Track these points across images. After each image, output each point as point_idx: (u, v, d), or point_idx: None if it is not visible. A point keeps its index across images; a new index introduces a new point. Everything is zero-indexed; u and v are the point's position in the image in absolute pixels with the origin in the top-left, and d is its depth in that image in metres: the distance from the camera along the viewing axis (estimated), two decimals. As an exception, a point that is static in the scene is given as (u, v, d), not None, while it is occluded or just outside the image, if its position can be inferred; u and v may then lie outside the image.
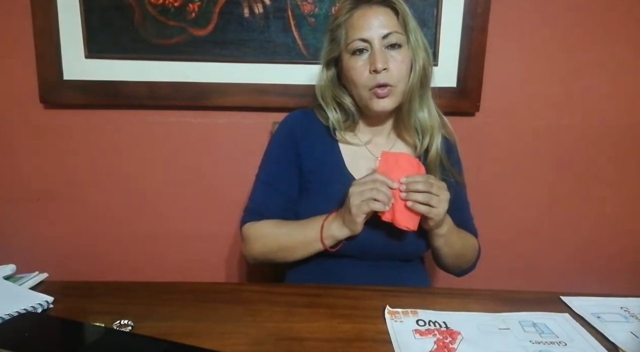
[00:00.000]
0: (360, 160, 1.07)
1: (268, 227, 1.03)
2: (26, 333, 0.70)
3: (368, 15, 0.98)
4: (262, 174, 1.10)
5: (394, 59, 0.99)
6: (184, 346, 0.69)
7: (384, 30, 0.98)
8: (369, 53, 0.99)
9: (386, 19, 0.99)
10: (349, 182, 1.02)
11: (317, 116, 1.10)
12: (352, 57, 1.00)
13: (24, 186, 1.44)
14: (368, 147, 1.09)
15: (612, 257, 1.55)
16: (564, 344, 0.76)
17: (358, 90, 1.01)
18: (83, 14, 1.31)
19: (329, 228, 0.96)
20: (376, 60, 0.96)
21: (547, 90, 1.44)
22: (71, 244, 1.48)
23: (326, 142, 1.08)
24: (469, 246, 1.09)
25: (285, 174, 1.07)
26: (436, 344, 0.75)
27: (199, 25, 1.33)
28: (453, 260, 1.07)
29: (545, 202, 1.51)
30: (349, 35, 0.99)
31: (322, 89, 1.08)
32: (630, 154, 1.49)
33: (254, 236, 1.04)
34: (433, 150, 1.05)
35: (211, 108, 1.40)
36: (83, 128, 1.42)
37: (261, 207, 1.06)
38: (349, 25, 1.00)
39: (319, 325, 0.80)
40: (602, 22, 1.40)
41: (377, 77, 0.97)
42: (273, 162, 1.09)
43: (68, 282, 0.93)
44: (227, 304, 0.87)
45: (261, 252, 1.04)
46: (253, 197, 1.09)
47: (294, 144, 1.07)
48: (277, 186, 1.06)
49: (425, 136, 1.06)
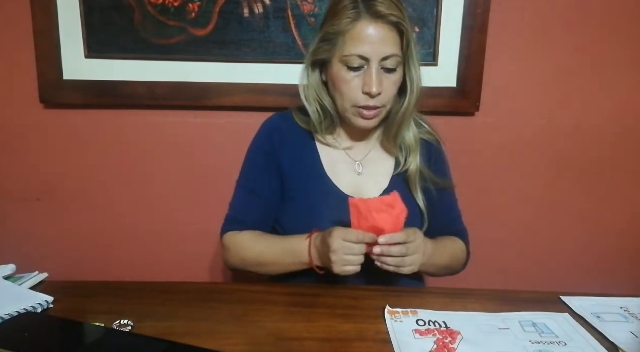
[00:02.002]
0: (339, 164, 1.06)
1: (249, 241, 1.02)
2: (26, 333, 0.70)
3: (372, 31, 0.92)
4: (242, 180, 1.08)
5: (388, 80, 0.96)
6: (184, 346, 0.69)
7: (385, 51, 0.93)
8: (364, 70, 0.95)
9: (390, 38, 0.93)
10: (329, 189, 1.02)
11: (296, 119, 1.08)
12: (344, 68, 0.95)
13: (24, 185, 1.44)
14: (347, 152, 1.08)
15: (612, 257, 1.54)
16: (564, 344, 0.76)
17: (344, 103, 0.98)
18: (83, 14, 1.31)
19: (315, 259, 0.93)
20: (372, 83, 0.93)
21: (547, 90, 1.44)
22: (71, 244, 1.48)
23: (305, 146, 1.07)
24: (455, 256, 1.07)
25: (266, 180, 1.06)
26: (436, 344, 0.75)
27: (199, 25, 1.33)
28: (441, 272, 1.06)
29: (545, 202, 1.51)
30: (347, 47, 0.94)
31: (306, 88, 1.04)
32: (630, 154, 1.49)
33: (233, 247, 1.03)
34: (413, 167, 1.04)
35: (211, 108, 1.40)
36: (83, 128, 1.42)
37: (242, 215, 1.05)
38: (349, 36, 0.94)
39: (319, 325, 0.80)
40: (602, 22, 1.40)
41: (369, 100, 0.95)
42: (253, 169, 1.08)
43: (68, 282, 0.94)
44: (227, 304, 0.87)
45: (241, 264, 1.04)
46: (233, 204, 1.08)
47: (273, 150, 1.06)
48: (257, 193, 1.05)
49: (409, 155, 1.05)
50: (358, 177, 1.06)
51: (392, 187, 1.05)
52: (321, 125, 1.04)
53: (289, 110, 1.11)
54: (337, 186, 1.04)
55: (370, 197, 0.89)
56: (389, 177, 1.07)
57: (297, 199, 1.05)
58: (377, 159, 1.09)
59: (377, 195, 1.03)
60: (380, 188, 1.06)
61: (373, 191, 1.05)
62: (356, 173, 1.07)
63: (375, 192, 1.04)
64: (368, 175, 1.07)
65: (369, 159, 1.08)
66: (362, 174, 1.07)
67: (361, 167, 1.07)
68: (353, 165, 1.07)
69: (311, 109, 1.04)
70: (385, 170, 1.08)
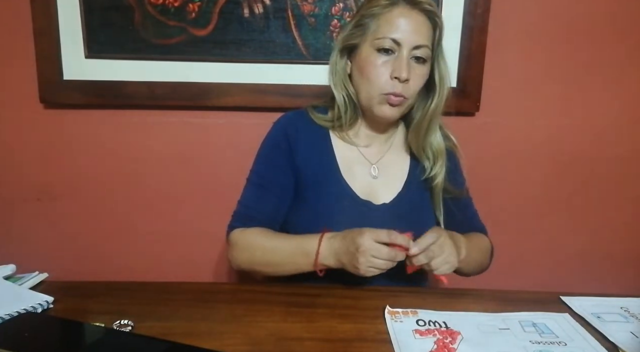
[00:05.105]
0: (355, 165, 1.05)
1: (258, 238, 0.99)
2: (26, 333, 0.70)
3: (408, 18, 0.94)
4: (253, 176, 1.06)
5: (415, 72, 0.96)
6: (184, 346, 0.69)
7: (418, 40, 0.94)
8: (395, 56, 0.95)
9: (424, 28, 0.95)
10: (343, 191, 1.01)
11: (312, 117, 1.07)
12: (375, 52, 0.95)
13: (24, 185, 1.44)
14: (363, 152, 1.07)
15: (612, 257, 1.54)
16: (564, 344, 0.76)
17: (370, 89, 0.97)
18: (83, 14, 1.31)
19: (322, 256, 0.91)
20: (402, 68, 0.93)
21: (547, 90, 1.44)
22: (71, 244, 1.48)
23: (321, 145, 1.06)
24: (483, 251, 1.08)
25: (278, 176, 1.04)
26: (436, 344, 0.75)
27: (199, 25, 1.33)
28: (473, 270, 1.07)
29: (545, 202, 1.51)
30: (381, 29, 0.94)
31: (333, 76, 1.03)
32: (630, 154, 1.49)
33: (241, 244, 1.00)
34: (439, 179, 1.04)
35: (211, 108, 1.40)
36: (83, 128, 1.42)
37: (252, 211, 1.03)
38: (384, 19, 0.94)
39: (319, 325, 0.80)
40: (602, 22, 1.40)
41: (396, 86, 0.95)
42: (265, 164, 1.06)
43: (68, 282, 0.94)
44: (227, 304, 0.87)
45: (248, 262, 1.00)
46: (243, 200, 1.05)
47: (288, 146, 1.04)
48: (268, 188, 1.03)
49: (437, 161, 1.04)
50: (373, 181, 1.06)
51: (406, 192, 1.05)
52: (346, 114, 1.03)
53: (304, 108, 1.10)
54: (352, 188, 1.03)
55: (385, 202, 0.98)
56: (403, 181, 1.07)
57: (311, 199, 1.03)
58: (392, 162, 1.08)
59: (390, 199, 1.04)
60: (394, 193, 1.05)
61: (387, 195, 1.04)
62: (371, 176, 1.06)
63: (389, 196, 1.04)
64: (383, 179, 1.06)
65: (384, 161, 1.08)
66: (377, 177, 1.06)
67: (376, 170, 1.06)
68: (368, 167, 1.06)
69: (339, 97, 1.03)
70: (400, 174, 1.08)
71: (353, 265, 0.87)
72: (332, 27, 1.34)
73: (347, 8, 1.33)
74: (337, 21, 1.34)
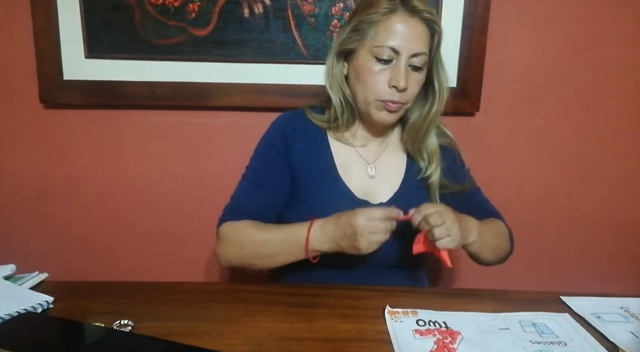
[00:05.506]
0: (352, 165, 1.06)
1: (246, 230, 0.98)
2: (26, 333, 0.70)
3: (406, 26, 0.94)
4: (248, 173, 1.06)
5: (412, 79, 0.96)
6: (184, 346, 0.69)
7: (416, 48, 0.94)
8: (393, 64, 0.95)
9: (422, 36, 0.95)
10: (341, 190, 1.01)
11: (309, 117, 1.07)
12: (372, 59, 0.96)
13: (24, 185, 1.44)
14: (360, 151, 1.07)
15: (612, 257, 1.54)
16: (564, 344, 0.76)
17: (367, 94, 0.98)
18: (83, 14, 1.31)
19: (317, 242, 0.91)
20: (400, 77, 0.94)
21: (547, 90, 1.44)
22: (71, 244, 1.48)
23: (318, 145, 1.06)
24: (501, 234, 1.07)
25: (273, 175, 1.04)
26: (436, 344, 0.75)
27: (199, 25, 1.33)
28: (493, 256, 1.05)
29: (545, 202, 1.51)
30: (379, 37, 0.94)
31: (330, 78, 1.03)
32: (630, 154, 1.49)
33: (230, 237, 0.99)
34: (434, 178, 1.05)
35: (211, 108, 1.40)
36: (83, 128, 1.42)
37: (243, 206, 1.03)
38: (383, 26, 0.94)
39: (319, 325, 0.80)
40: (602, 22, 1.40)
41: (394, 94, 0.95)
42: (261, 163, 1.06)
43: (68, 282, 0.94)
44: (227, 304, 0.87)
45: (236, 256, 1.00)
46: (236, 195, 1.06)
47: (285, 146, 1.04)
48: (262, 186, 1.04)
49: (431, 162, 1.05)
50: (370, 180, 1.06)
51: (402, 191, 1.05)
52: (342, 116, 1.03)
53: (301, 108, 1.10)
54: (349, 188, 1.03)
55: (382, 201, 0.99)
56: (400, 180, 1.07)
57: (308, 199, 1.03)
58: (389, 162, 1.08)
59: (388, 198, 1.04)
60: (391, 192, 1.05)
61: (384, 194, 1.05)
62: (368, 176, 1.06)
63: (386, 195, 1.04)
64: (380, 178, 1.06)
65: (381, 161, 1.08)
66: (374, 177, 1.06)
67: (374, 170, 1.07)
68: (365, 167, 1.06)
69: (335, 99, 1.03)
70: (396, 173, 1.08)
71: (353, 246, 0.88)
72: (332, 27, 1.34)
73: (347, 8, 1.33)
74: (337, 21, 1.34)
